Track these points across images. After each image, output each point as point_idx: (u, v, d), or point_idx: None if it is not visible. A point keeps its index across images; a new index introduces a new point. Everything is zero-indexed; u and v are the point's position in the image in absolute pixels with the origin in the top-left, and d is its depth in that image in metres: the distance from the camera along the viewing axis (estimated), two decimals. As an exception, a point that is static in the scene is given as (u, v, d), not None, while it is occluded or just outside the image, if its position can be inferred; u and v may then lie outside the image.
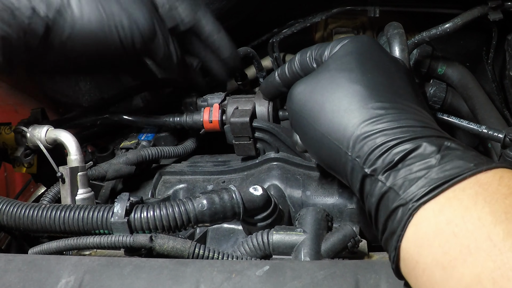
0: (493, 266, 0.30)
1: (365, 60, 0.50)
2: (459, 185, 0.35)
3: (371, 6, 0.80)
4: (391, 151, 0.40)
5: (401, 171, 0.39)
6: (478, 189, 0.35)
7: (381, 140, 0.41)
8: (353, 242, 0.50)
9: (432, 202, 0.36)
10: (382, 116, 0.43)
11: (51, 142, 0.63)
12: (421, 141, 0.40)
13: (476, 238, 0.32)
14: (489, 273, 0.30)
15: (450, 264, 0.33)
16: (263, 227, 0.55)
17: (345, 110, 0.45)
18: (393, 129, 0.42)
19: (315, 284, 0.38)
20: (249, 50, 0.87)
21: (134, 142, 0.75)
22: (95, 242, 0.50)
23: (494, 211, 0.33)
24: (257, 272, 0.39)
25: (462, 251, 0.32)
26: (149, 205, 0.51)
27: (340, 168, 0.46)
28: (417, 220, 0.36)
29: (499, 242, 0.31)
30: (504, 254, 0.30)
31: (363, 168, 0.41)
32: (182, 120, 0.74)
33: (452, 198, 0.35)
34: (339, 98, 0.46)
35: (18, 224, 0.54)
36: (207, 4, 0.79)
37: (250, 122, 0.67)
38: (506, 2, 0.72)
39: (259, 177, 0.67)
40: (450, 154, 0.38)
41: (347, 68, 0.49)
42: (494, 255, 0.31)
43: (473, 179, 0.36)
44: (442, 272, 0.33)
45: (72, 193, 0.59)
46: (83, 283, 0.41)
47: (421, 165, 0.38)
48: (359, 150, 0.42)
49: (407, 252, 0.36)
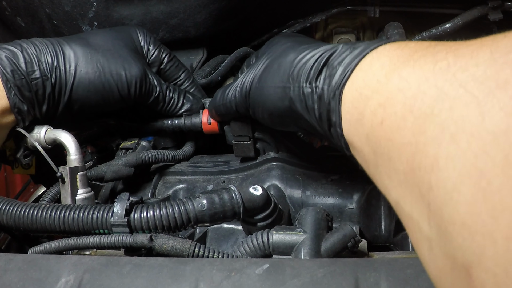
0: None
1: (285, 34, 0.63)
2: (365, 58, 0.42)
3: (371, 6, 0.80)
4: (317, 61, 0.48)
5: (327, 72, 0.46)
6: (375, 54, 0.41)
7: (310, 61, 0.49)
8: (353, 242, 0.50)
9: (352, 77, 0.42)
10: (309, 49, 0.50)
11: (51, 142, 0.63)
12: (337, 47, 0.48)
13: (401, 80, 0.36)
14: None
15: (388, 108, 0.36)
16: (263, 227, 0.55)
17: (283, 61, 0.53)
18: (317, 51, 0.49)
19: (314, 282, 0.38)
20: (249, 50, 0.87)
21: (134, 142, 0.75)
22: (95, 242, 0.50)
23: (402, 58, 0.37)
24: (257, 270, 0.39)
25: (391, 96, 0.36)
26: (149, 205, 0.51)
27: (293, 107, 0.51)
28: (345, 98, 0.43)
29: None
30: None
31: (304, 87, 0.48)
32: (181, 123, 0.74)
33: (367, 65, 0.41)
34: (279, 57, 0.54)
35: (18, 224, 0.54)
36: (207, 4, 0.80)
37: (250, 122, 0.67)
38: (506, 2, 0.72)
39: (259, 177, 0.67)
40: (359, 44, 0.45)
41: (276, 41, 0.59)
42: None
43: (375, 50, 0.42)
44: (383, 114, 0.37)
45: (72, 193, 0.59)
46: (83, 282, 0.41)
47: (339, 60, 0.45)
48: (297, 77, 0.49)
49: (349, 131, 0.43)
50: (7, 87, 0.59)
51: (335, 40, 0.91)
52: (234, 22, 0.86)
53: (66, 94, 0.64)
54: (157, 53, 0.74)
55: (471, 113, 0.26)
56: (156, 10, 0.80)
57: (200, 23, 0.82)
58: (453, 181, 0.27)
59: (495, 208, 0.23)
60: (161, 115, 0.75)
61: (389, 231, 0.62)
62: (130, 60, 0.67)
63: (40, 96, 0.62)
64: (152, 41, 0.74)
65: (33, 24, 0.83)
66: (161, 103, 0.72)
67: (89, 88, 0.65)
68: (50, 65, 0.62)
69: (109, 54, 0.66)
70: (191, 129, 0.74)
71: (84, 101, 0.65)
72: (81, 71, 0.64)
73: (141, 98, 0.69)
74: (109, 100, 0.67)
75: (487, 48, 0.29)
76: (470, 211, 0.25)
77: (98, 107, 0.68)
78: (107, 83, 0.65)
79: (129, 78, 0.66)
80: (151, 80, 0.70)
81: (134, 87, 0.67)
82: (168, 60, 0.75)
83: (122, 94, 0.67)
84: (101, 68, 0.65)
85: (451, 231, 0.27)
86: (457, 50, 0.32)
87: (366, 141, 0.39)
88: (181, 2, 0.80)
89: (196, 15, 0.81)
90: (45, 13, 0.80)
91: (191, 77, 0.78)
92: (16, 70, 0.60)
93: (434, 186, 0.28)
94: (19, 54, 0.61)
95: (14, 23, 0.85)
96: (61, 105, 0.65)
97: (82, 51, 0.65)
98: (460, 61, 0.30)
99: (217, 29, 0.85)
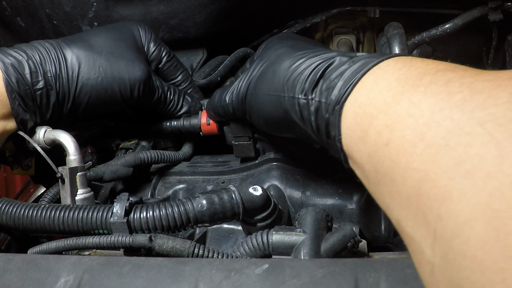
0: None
1: (281, 37, 0.61)
2: (368, 74, 0.42)
3: (371, 6, 0.80)
4: (313, 72, 0.47)
5: (323, 85, 0.45)
6: (379, 72, 0.41)
7: (306, 71, 0.48)
8: (353, 243, 0.50)
9: (354, 93, 0.42)
10: (304, 58, 0.50)
11: (50, 143, 0.63)
12: (335, 58, 0.47)
13: (398, 102, 0.36)
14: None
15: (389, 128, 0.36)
16: (263, 227, 0.55)
17: (277, 69, 0.52)
18: (313, 61, 0.48)
19: (314, 282, 0.38)
20: (249, 51, 0.87)
21: (134, 142, 0.75)
22: (95, 242, 0.50)
23: (400, 79, 0.38)
24: (256, 270, 0.39)
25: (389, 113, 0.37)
26: (149, 205, 0.51)
27: (289, 117, 0.51)
28: (346, 113, 0.42)
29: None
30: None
31: (299, 98, 0.48)
32: (180, 124, 0.74)
33: (371, 83, 0.41)
34: (273, 64, 0.53)
35: (17, 224, 0.54)
36: (207, 5, 0.80)
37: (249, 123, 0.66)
38: (506, 3, 0.72)
39: (259, 178, 0.67)
40: (359, 57, 0.45)
41: (271, 45, 0.58)
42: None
43: (378, 66, 0.42)
44: (386, 134, 0.36)
45: (72, 193, 0.59)
46: (82, 282, 0.41)
47: (337, 73, 0.45)
48: (292, 87, 0.49)
49: (349, 146, 0.42)
50: (11, 97, 0.59)
51: (335, 41, 0.91)
52: (234, 23, 0.86)
53: (70, 101, 0.64)
54: (157, 52, 0.74)
55: (489, 153, 0.26)
56: (156, 10, 0.80)
57: (200, 23, 0.82)
58: (466, 216, 0.26)
59: (508, 248, 0.24)
60: (161, 116, 0.75)
61: (389, 231, 0.62)
62: (133, 62, 0.67)
63: (44, 105, 0.62)
64: (153, 38, 0.74)
65: (33, 24, 0.83)
66: (162, 104, 0.73)
67: (91, 94, 0.65)
68: (54, 74, 0.62)
69: (112, 58, 0.66)
70: (190, 130, 0.74)
71: (86, 106, 0.65)
72: (83, 77, 0.64)
73: (143, 100, 0.70)
74: (112, 103, 0.67)
75: (505, 89, 0.29)
76: (482, 247, 0.25)
77: (100, 110, 0.68)
78: (109, 88, 0.65)
79: (132, 81, 0.66)
80: (154, 81, 0.70)
81: (137, 90, 0.67)
82: (167, 60, 0.75)
83: (124, 97, 0.67)
84: (103, 73, 0.65)
85: (459, 262, 0.27)
86: (472, 84, 0.32)
87: (368, 159, 0.38)
88: (181, 2, 0.80)
89: (196, 15, 0.81)
90: (45, 13, 0.80)
91: (189, 78, 0.78)
92: (21, 80, 0.59)
93: (444, 217, 0.28)
94: (24, 63, 0.60)
95: (14, 23, 0.85)
96: (65, 112, 0.65)
97: (84, 55, 0.64)
98: (478, 98, 0.30)
99: (217, 30, 0.85)
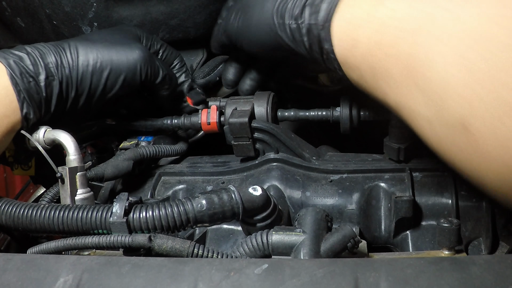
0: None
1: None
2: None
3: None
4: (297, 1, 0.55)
5: (311, 9, 0.53)
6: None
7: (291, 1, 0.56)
8: (353, 243, 0.50)
9: (338, 11, 0.50)
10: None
11: (50, 143, 0.63)
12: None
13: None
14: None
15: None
16: (263, 228, 0.55)
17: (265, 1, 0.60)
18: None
19: (314, 282, 0.37)
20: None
21: (133, 142, 0.75)
22: (94, 242, 0.50)
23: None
24: (256, 270, 0.39)
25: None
26: (148, 205, 0.51)
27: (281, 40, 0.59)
28: (335, 28, 0.51)
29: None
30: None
31: (289, 24, 0.56)
32: (180, 122, 0.74)
33: (348, 1, 0.50)
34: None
35: (17, 224, 0.53)
36: (207, 5, 0.80)
37: (249, 122, 0.67)
38: (505, 3, 0.72)
39: (259, 178, 0.67)
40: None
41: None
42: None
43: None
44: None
45: (72, 193, 0.59)
46: (82, 282, 0.41)
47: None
48: (281, 16, 0.57)
49: (342, 54, 0.51)
50: (16, 90, 0.59)
51: None
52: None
53: (73, 90, 0.65)
54: (153, 45, 0.75)
55: (447, 20, 0.40)
56: (156, 11, 0.80)
57: (200, 23, 0.82)
58: (443, 66, 0.39)
59: (477, 75, 0.36)
60: (161, 113, 0.75)
61: (389, 232, 0.62)
62: (129, 45, 0.68)
63: (48, 97, 0.62)
64: (155, 38, 0.76)
65: (33, 25, 0.83)
66: (166, 85, 0.73)
67: (92, 78, 0.65)
68: (55, 64, 0.63)
69: (109, 43, 0.67)
70: (190, 128, 0.74)
71: (89, 93, 0.66)
72: (82, 63, 0.64)
73: (147, 81, 0.70)
74: (115, 86, 0.67)
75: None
76: (461, 84, 0.37)
77: (104, 96, 0.68)
78: (112, 72, 0.66)
79: (132, 62, 0.67)
80: (156, 60, 0.71)
81: (140, 70, 0.68)
82: (164, 50, 0.77)
83: (127, 79, 0.67)
84: (101, 57, 0.65)
85: (446, 99, 0.39)
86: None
87: (362, 59, 0.48)
88: (181, 2, 0.80)
89: (196, 16, 0.81)
90: (45, 14, 0.80)
91: (185, 64, 0.80)
92: (24, 73, 0.60)
93: (427, 73, 0.40)
94: (25, 57, 0.61)
95: (14, 24, 0.85)
96: (69, 102, 0.65)
97: (81, 44, 0.66)
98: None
99: (217, 30, 0.85)
